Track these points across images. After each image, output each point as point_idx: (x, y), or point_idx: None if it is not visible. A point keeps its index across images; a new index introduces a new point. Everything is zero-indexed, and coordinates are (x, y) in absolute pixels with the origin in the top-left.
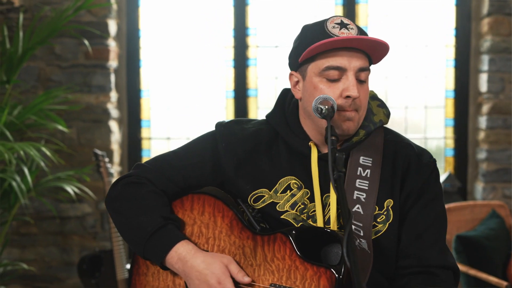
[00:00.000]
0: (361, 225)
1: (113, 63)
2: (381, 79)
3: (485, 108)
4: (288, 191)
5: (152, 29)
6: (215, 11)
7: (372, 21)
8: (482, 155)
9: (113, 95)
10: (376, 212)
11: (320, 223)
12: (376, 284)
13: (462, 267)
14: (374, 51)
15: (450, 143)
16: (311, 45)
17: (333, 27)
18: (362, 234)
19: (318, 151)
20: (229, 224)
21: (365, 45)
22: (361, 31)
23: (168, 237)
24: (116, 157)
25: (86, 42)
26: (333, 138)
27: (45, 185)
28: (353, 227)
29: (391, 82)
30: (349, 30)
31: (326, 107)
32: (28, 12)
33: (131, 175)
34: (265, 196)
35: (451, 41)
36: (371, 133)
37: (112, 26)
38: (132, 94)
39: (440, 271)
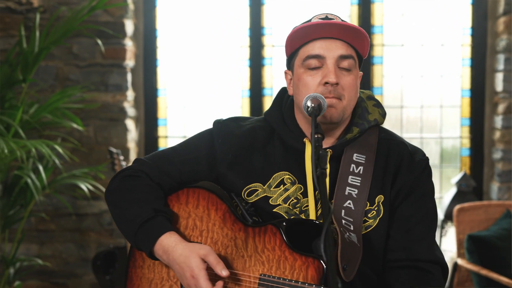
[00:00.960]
0: (351, 220)
1: (129, 62)
2: (396, 78)
3: (501, 107)
4: (282, 185)
5: (169, 28)
6: (231, 11)
7: (388, 20)
8: (497, 155)
9: (130, 94)
10: (367, 208)
11: (312, 216)
12: (365, 278)
13: (473, 267)
14: (352, 39)
15: (466, 142)
16: (291, 43)
17: (316, 21)
18: (352, 228)
19: (324, 149)
20: (222, 217)
21: (341, 32)
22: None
23: (154, 228)
24: (133, 155)
25: (99, 41)
26: (319, 135)
27: (60, 183)
28: (343, 221)
29: (407, 81)
30: (348, 23)
31: (313, 105)
32: (47, 13)
33: (129, 168)
34: (258, 190)
35: (467, 40)
36: (365, 131)
37: (129, 26)
38: (149, 93)
39: (428, 265)
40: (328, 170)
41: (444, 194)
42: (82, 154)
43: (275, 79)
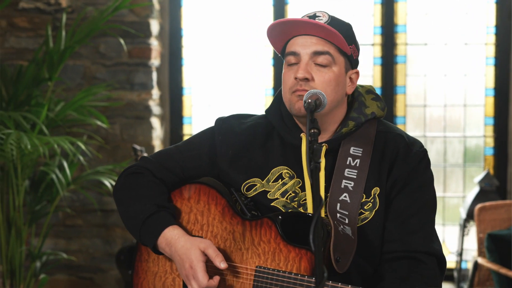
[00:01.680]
0: (346, 213)
1: (155, 61)
2: (420, 77)
3: None
4: (280, 180)
5: (194, 28)
6: (255, 10)
7: (411, 19)
8: None
9: (155, 92)
10: (364, 200)
11: (310, 210)
12: (361, 270)
13: (493, 266)
14: (327, 35)
15: (490, 141)
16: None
17: (302, 17)
18: (347, 221)
19: (318, 144)
20: (221, 211)
21: (315, 30)
22: (333, 21)
23: (158, 223)
24: None
25: (122, 41)
26: (315, 130)
27: (84, 179)
28: (338, 215)
29: (430, 80)
30: (316, 20)
31: (309, 100)
32: (74, 13)
33: (133, 166)
34: (257, 185)
35: (491, 39)
36: (362, 125)
37: (154, 25)
38: (174, 92)
39: (423, 256)
40: (323, 164)
41: (467, 193)
42: (108, 151)
43: None
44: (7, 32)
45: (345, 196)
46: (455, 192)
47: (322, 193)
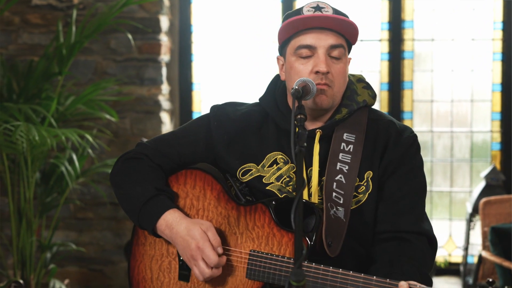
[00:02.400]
0: (342, 192)
1: (164, 57)
2: (427, 73)
3: None
4: (275, 165)
5: (204, 24)
6: (264, 6)
7: (418, 15)
8: None
9: (165, 87)
10: (357, 184)
11: (304, 193)
12: (353, 252)
13: (496, 259)
14: (342, 28)
15: (497, 136)
16: (284, 33)
17: (308, 10)
18: (341, 201)
19: (304, 129)
20: (216, 197)
21: (331, 23)
22: (336, 13)
23: (157, 206)
24: None
25: (130, 36)
26: (302, 116)
27: (93, 172)
28: (334, 194)
29: (437, 76)
30: (322, 12)
31: (296, 87)
32: (86, 9)
33: (130, 151)
34: (252, 170)
35: (498, 34)
36: (355, 112)
37: (164, 21)
38: (184, 87)
39: (412, 236)
40: (317, 149)
41: (474, 188)
42: (118, 145)
43: None
44: (20, 28)
45: (340, 177)
46: (462, 187)
47: (316, 176)
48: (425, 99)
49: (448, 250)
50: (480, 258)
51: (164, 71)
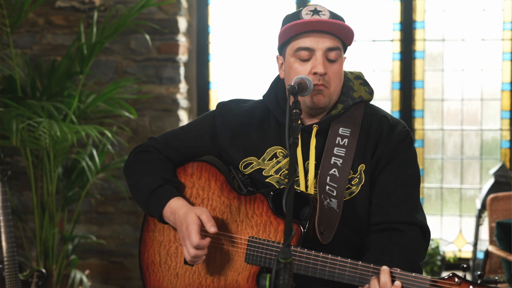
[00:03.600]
0: (335, 185)
1: (182, 57)
2: (438, 72)
3: None
4: (274, 158)
5: (221, 25)
6: (279, 7)
7: (429, 16)
8: None
9: (182, 86)
10: (351, 176)
11: (302, 185)
12: (349, 242)
13: (502, 253)
14: (340, 32)
15: (506, 134)
16: (283, 34)
17: (306, 13)
18: (334, 194)
19: (302, 124)
20: (220, 187)
21: (329, 27)
22: (334, 16)
23: (164, 194)
24: None
25: (147, 37)
26: (297, 111)
27: (112, 167)
28: (327, 187)
29: (448, 75)
30: (320, 16)
31: (292, 84)
32: (107, 11)
33: (142, 145)
34: (253, 163)
35: (508, 35)
36: (350, 108)
37: (182, 23)
38: (201, 86)
39: (405, 227)
40: (314, 143)
41: (483, 185)
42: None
43: None
44: (45, 29)
45: (334, 171)
46: (472, 184)
47: (312, 168)
48: (436, 98)
49: (458, 246)
50: (487, 252)
51: (182, 70)
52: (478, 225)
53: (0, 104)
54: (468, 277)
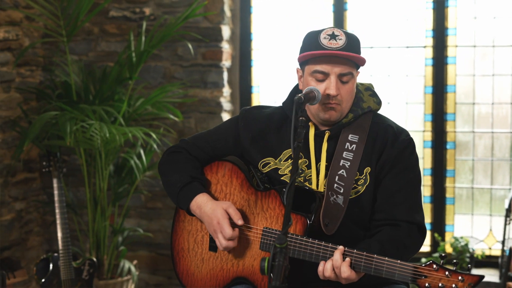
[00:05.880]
0: (343, 184)
1: (226, 62)
2: (469, 77)
3: None
4: (290, 159)
5: (263, 32)
6: (317, 16)
7: (461, 23)
8: None
9: (226, 90)
10: (357, 177)
11: (313, 183)
12: (353, 234)
13: None
14: (353, 59)
15: None
16: (303, 52)
17: (324, 38)
18: (341, 191)
19: (316, 129)
20: (240, 183)
21: (343, 57)
22: (349, 40)
23: (191, 190)
24: None
25: (189, 45)
26: (303, 118)
27: (156, 166)
28: (335, 185)
29: (479, 80)
30: (337, 41)
31: (299, 95)
32: (156, 20)
33: (174, 146)
34: (271, 163)
35: None
36: (360, 117)
37: (226, 30)
38: (244, 90)
39: (404, 224)
40: (326, 147)
41: None
42: None
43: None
44: (99, 37)
45: (342, 172)
46: (502, 185)
47: (323, 169)
48: (467, 102)
49: (488, 244)
50: (511, 250)
51: (225, 75)
52: (505, 224)
53: (56, 108)
54: (497, 274)
